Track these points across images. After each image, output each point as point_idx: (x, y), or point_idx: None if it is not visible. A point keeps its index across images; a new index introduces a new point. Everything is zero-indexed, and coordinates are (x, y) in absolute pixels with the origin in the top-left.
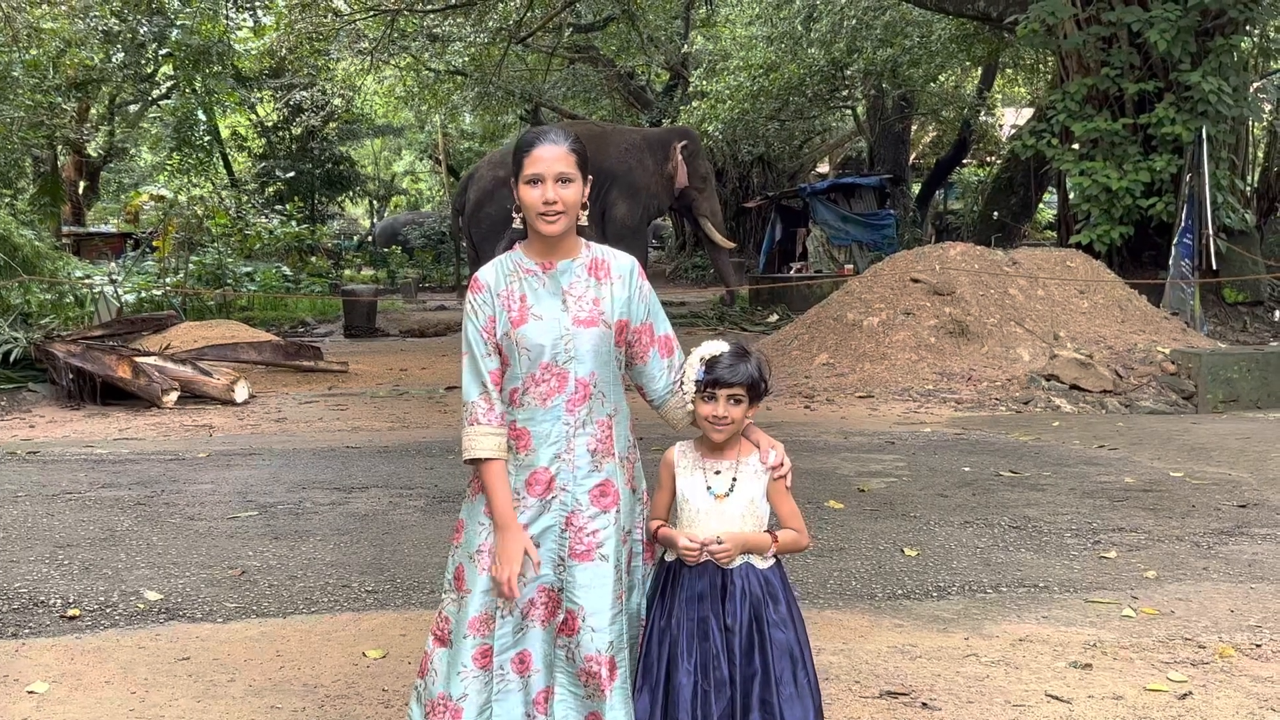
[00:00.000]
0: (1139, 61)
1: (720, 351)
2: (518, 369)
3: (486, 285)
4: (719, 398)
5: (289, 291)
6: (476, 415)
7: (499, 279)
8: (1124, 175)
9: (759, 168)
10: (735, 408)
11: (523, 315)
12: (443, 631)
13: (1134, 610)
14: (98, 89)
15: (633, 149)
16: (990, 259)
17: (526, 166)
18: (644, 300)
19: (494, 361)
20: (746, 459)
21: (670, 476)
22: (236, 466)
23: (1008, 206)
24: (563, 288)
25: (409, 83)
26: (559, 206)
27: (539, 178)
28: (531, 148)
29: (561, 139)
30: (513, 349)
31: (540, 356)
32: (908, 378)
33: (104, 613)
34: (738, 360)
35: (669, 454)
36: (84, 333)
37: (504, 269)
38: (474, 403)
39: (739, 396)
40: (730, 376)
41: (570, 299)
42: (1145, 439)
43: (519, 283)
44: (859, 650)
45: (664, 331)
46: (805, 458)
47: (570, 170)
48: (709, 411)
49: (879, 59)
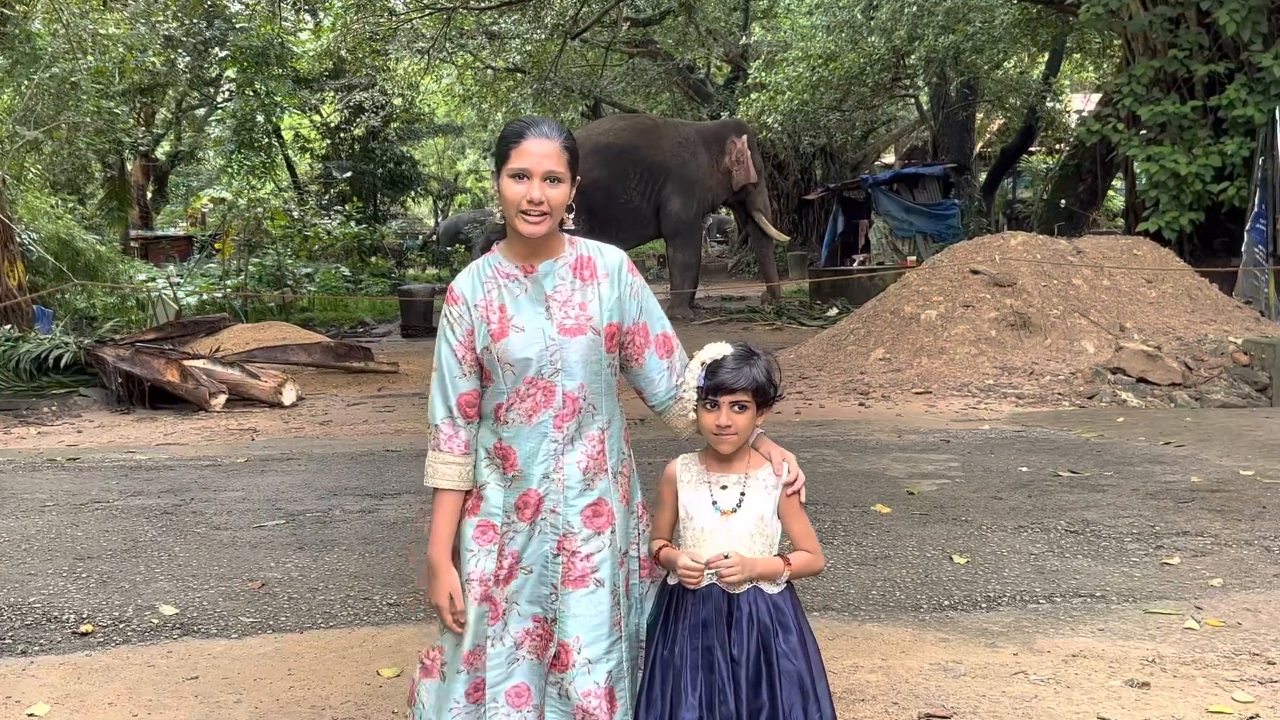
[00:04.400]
0: (1208, 42)
1: (723, 354)
2: (501, 384)
3: (463, 296)
4: (722, 405)
5: (349, 292)
6: (439, 441)
7: (475, 288)
8: (1193, 160)
9: (821, 160)
10: (740, 415)
11: (503, 327)
12: (433, 662)
13: (1197, 622)
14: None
15: (687, 143)
16: (1053, 248)
17: (513, 159)
18: (636, 297)
19: (468, 383)
20: (756, 472)
21: (672, 492)
22: (271, 472)
23: (1075, 194)
24: (546, 293)
25: (468, 81)
26: (544, 208)
27: (526, 173)
28: (520, 139)
29: (554, 133)
30: (494, 364)
31: (525, 371)
32: (967, 373)
33: (117, 628)
34: (742, 363)
35: (671, 468)
36: (137, 336)
37: (481, 275)
38: (437, 427)
39: (744, 403)
40: (733, 381)
41: (554, 305)
42: (1214, 435)
43: (498, 290)
44: (899, 668)
45: (660, 330)
46: (855, 458)
47: (560, 170)
48: (712, 421)
49: (941, 46)
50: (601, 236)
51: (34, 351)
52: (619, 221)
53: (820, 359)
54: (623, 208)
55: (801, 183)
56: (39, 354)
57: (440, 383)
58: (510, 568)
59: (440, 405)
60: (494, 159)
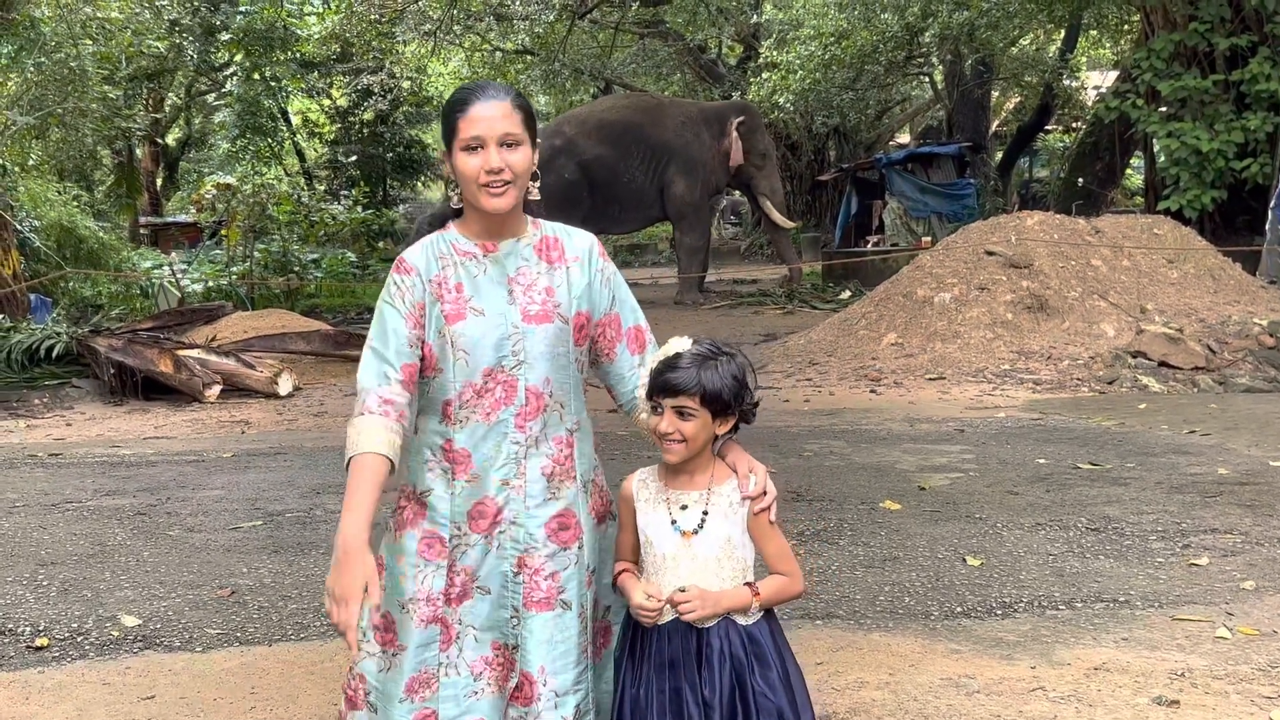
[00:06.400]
0: (1230, 15)
1: (679, 351)
2: (451, 375)
3: (415, 268)
4: (665, 409)
5: (356, 278)
6: (369, 405)
7: (429, 263)
8: (1215, 136)
9: (834, 140)
10: (687, 423)
11: (459, 309)
12: (355, 692)
13: (1229, 630)
14: (170, 79)
15: (690, 123)
16: (1071, 228)
17: (462, 129)
18: (608, 285)
19: (413, 355)
20: (720, 488)
21: (630, 513)
22: (256, 468)
23: (1093, 173)
24: (508, 274)
25: (476, 63)
26: (506, 175)
27: (479, 141)
28: (466, 105)
29: (502, 93)
30: (446, 350)
31: (482, 361)
32: (982, 357)
33: (74, 642)
34: (697, 364)
35: (627, 485)
36: (133, 325)
37: (435, 250)
38: (368, 390)
39: (689, 410)
40: (679, 382)
41: (517, 289)
42: (1241, 422)
43: (454, 268)
44: (907, 683)
45: (633, 323)
46: (864, 450)
47: (516, 130)
48: (654, 425)
49: (955, 23)
50: (605, 215)
51: (25, 342)
52: (622, 201)
53: (831, 344)
54: (626, 186)
55: (815, 163)
56: (30, 344)
57: (378, 353)
58: (464, 585)
59: (373, 374)
60: (442, 134)
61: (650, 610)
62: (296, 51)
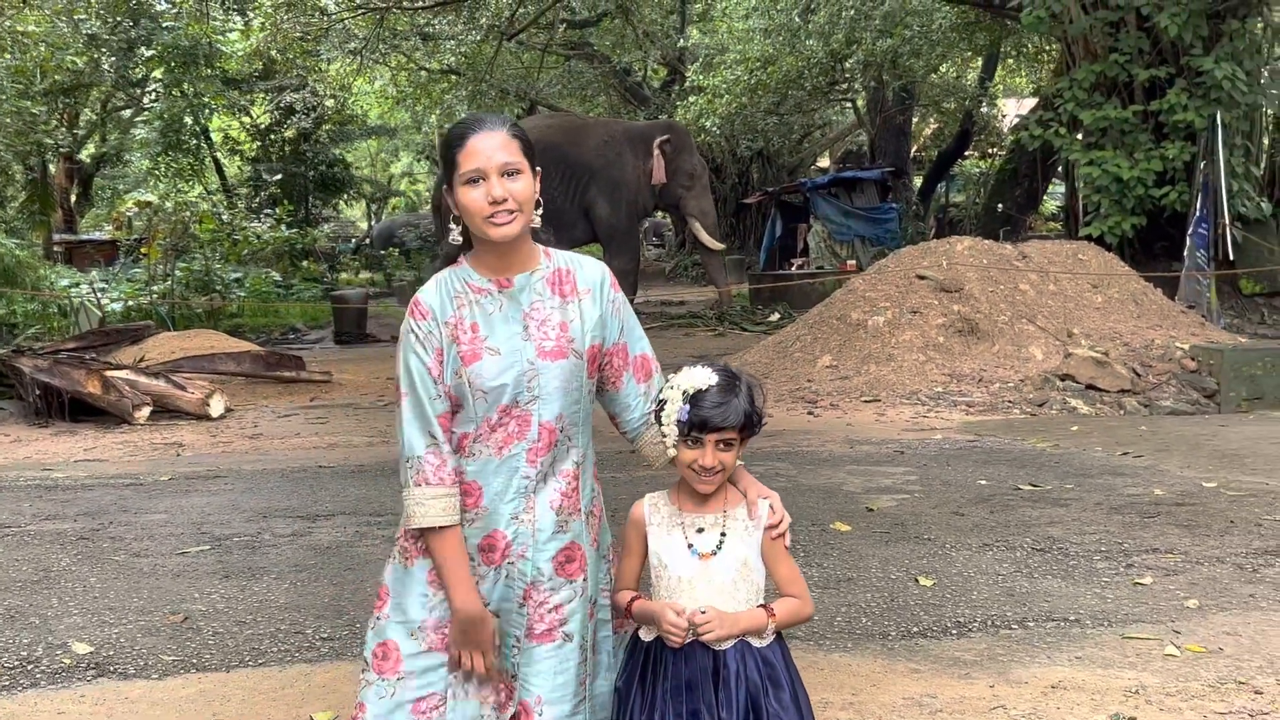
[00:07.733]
0: (1149, 47)
1: (707, 385)
2: (471, 412)
3: (431, 311)
4: (707, 444)
5: (280, 298)
6: (425, 473)
7: (444, 303)
8: (1135, 164)
9: (758, 163)
10: (727, 453)
11: (475, 350)
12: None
13: (1178, 648)
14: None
15: (612, 142)
16: (999, 253)
17: (462, 163)
18: (617, 315)
19: (444, 404)
20: (735, 510)
21: (640, 538)
22: (196, 492)
23: (1012, 198)
24: (523, 309)
25: (401, 83)
26: (510, 204)
27: (480, 173)
28: (464, 139)
29: (499, 124)
30: (464, 390)
31: (499, 399)
32: (916, 380)
33: (24, 670)
34: (728, 395)
35: (637, 510)
36: (57, 345)
37: (449, 289)
38: (420, 459)
39: (731, 440)
40: (720, 419)
41: (532, 324)
42: (1172, 444)
43: (469, 307)
44: (870, 703)
45: (640, 351)
46: (809, 472)
47: (516, 159)
48: (695, 459)
49: (879, 50)
50: None
51: None
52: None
53: (766, 366)
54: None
55: (739, 186)
56: None
57: (416, 406)
58: None
59: (420, 434)
60: (442, 171)
61: (682, 629)
62: (220, 68)
